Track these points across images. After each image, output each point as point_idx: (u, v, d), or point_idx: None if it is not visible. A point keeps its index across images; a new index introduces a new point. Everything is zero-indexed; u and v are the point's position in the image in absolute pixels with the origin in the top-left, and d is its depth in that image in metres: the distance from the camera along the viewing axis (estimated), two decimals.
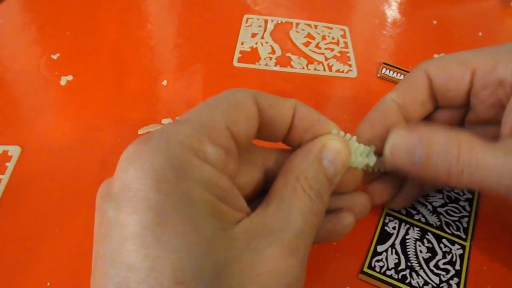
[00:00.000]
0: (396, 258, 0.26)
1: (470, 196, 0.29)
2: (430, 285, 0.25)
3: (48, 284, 0.24)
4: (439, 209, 0.29)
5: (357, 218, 0.23)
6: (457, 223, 0.28)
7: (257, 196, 0.21)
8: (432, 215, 0.28)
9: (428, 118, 0.26)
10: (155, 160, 0.15)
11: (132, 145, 0.16)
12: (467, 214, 0.28)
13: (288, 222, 0.17)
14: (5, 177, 0.29)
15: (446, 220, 0.28)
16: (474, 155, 0.20)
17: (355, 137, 0.22)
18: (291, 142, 0.21)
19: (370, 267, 0.25)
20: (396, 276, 0.25)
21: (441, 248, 0.27)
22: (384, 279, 0.25)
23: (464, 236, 0.27)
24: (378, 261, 0.26)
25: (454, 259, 0.26)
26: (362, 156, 0.23)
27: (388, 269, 0.25)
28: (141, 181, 0.14)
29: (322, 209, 0.19)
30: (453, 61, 0.24)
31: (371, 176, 0.26)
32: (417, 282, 0.25)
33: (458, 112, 0.26)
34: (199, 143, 0.16)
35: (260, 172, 0.21)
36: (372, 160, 0.23)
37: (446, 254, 0.26)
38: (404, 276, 0.25)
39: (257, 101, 0.19)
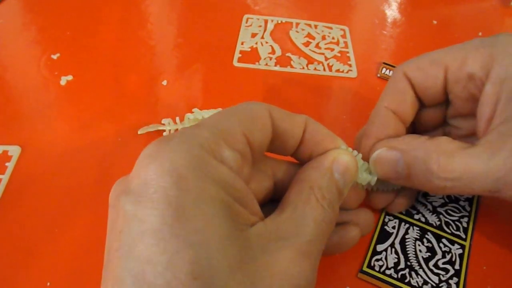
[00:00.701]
0: (395, 258, 0.26)
1: (470, 196, 0.29)
2: (429, 285, 0.25)
3: (48, 284, 0.24)
4: (439, 209, 0.29)
5: (362, 234, 0.24)
6: (457, 222, 0.28)
7: (266, 205, 0.22)
8: (432, 214, 0.28)
9: (416, 118, 0.27)
10: (175, 159, 0.15)
11: (152, 144, 0.16)
12: (467, 214, 0.28)
13: (301, 228, 0.18)
14: (5, 177, 0.29)
15: (446, 219, 0.28)
16: (455, 167, 0.21)
17: (360, 154, 0.23)
18: (300, 156, 0.22)
19: (369, 266, 0.25)
20: (395, 276, 0.25)
21: (440, 248, 0.27)
22: (384, 278, 0.25)
23: (464, 236, 0.27)
24: (377, 260, 0.26)
25: (453, 259, 0.26)
26: (366, 173, 0.24)
27: (387, 268, 0.25)
28: (162, 178, 0.15)
29: (333, 219, 0.20)
30: (427, 61, 0.25)
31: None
32: (417, 281, 0.25)
33: (442, 109, 0.27)
34: (216, 145, 0.17)
35: (270, 181, 0.22)
36: (374, 178, 0.24)
37: (446, 254, 0.26)
38: (404, 276, 0.25)
39: (271, 114, 0.20)
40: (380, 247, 0.26)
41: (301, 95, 0.38)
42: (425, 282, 0.25)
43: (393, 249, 0.26)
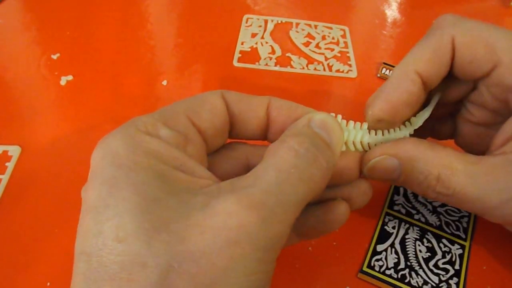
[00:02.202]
0: (395, 258, 0.26)
1: None
2: (429, 285, 0.25)
3: (48, 284, 0.24)
4: (439, 209, 0.29)
5: (357, 207, 0.22)
6: (457, 223, 0.28)
7: None
8: (432, 215, 0.28)
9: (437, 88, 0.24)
10: (111, 142, 0.17)
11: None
12: (467, 214, 0.28)
13: (258, 178, 0.15)
14: (5, 177, 0.29)
15: (446, 220, 0.28)
16: (451, 185, 0.21)
17: (340, 115, 0.21)
18: (275, 138, 0.20)
19: (369, 266, 0.25)
20: (395, 276, 0.25)
21: (440, 248, 0.27)
22: (384, 278, 0.25)
23: (464, 236, 0.27)
24: (377, 260, 0.26)
25: (453, 259, 0.26)
26: (358, 135, 0.22)
27: (387, 268, 0.25)
28: (101, 162, 0.16)
29: (316, 168, 0.16)
30: (483, 42, 0.22)
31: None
32: (417, 281, 0.25)
33: (462, 87, 0.24)
34: (153, 126, 0.18)
35: (242, 167, 0.21)
36: (370, 137, 0.22)
37: (446, 254, 0.26)
38: (404, 276, 0.25)
39: (225, 97, 0.20)
40: (380, 247, 0.26)
41: (301, 95, 0.38)
42: (425, 282, 0.25)
43: (393, 249, 0.26)
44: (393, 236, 0.27)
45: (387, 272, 0.25)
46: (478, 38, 0.22)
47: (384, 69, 0.40)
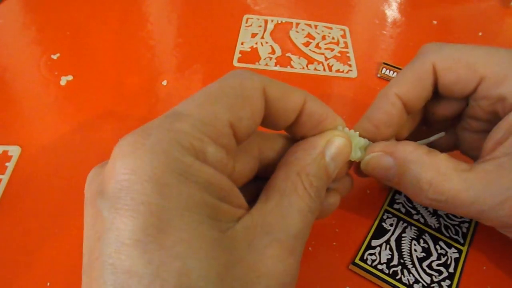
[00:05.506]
0: (389, 254, 0.26)
1: None
2: (420, 284, 0.25)
3: (48, 284, 0.24)
4: (439, 212, 0.29)
5: (341, 197, 0.23)
6: (456, 227, 0.28)
7: (251, 182, 0.21)
8: (432, 216, 0.28)
9: (425, 107, 0.26)
10: (154, 161, 0.14)
11: (126, 140, 0.15)
12: (468, 220, 0.28)
13: (287, 221, 0.17)
14: (5, 177, 0.29)
15: (446, 223, 0.28)
16: (445, 190, 0.21)
17: (357, 132, 0.23)
18: (294, 133, 0.21)
19: (362, 259, 0.26)
20: (387, 271, 0.25)
21: (436, 250, 0.27)
22: (375, 272, 0.25)
23: (462, 241, 0.27)
24: (370, 254, 0.26)
25: (449, 262, 0.26)
26: (361, 150, 0.23)
27: (380, 263, 0.25)
28: (141, 185, 0.14)
29: (319, 207, 0.19)
30: (463, 63, 0.23)
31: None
32: (408, 279, 0.25)
33: (456, 104, 0.26)
34: (199, 142, 0.15)
35: (255, 160, 0.21)
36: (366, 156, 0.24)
37: (441, 256, 0.26)
38: (395, 272, 0.25)
39: (266, 91, 0.18)
40: (375, 242, 0.26)
41: None
42: (416, 281, 0.25)
43: (388, 246, 0.26)
44: (390, 233, 0.27)
45: (379, 267, 0.25)
46: (458, 61, 0.23)
47: (384, 69, 0.40)
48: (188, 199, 0.14)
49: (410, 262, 0.26)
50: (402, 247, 0.26)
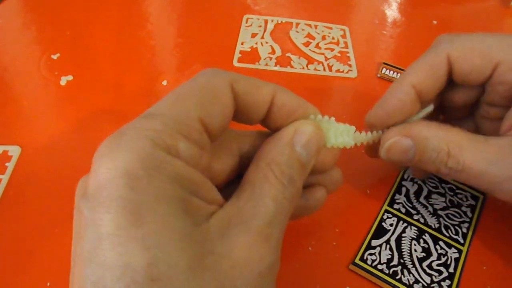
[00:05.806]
0: (389, 254, 0.26)
1: (473, 202, 0.29)
2: (420, 284, 0.25)
3: (48, 284, 0.24)
4: (439, 212, 0.29)
5: (329, 193, 0.23)
6: (456, 227, 0.28)
7: (233, 181, 0.21)
8: (432, 217, 0.28)
9: (442, 95, 0.27)
10: (127, 159, 0.15)
11: (104, 143, 0.16)
12: (468, 220, 0.28)
13: (259, 209, 0.17)
14: (5, 177, 0.29)
15: (446, 223, 0.28)
16: (461, 160, 0.22)
17: (333, 117, 0.22)
18: (270, 126, 0.21)
19: (362, 259, 0.26)
20: (387, 271, 0.25)
21: (436, 250, 0.27)
22: (375, 272, 0.25)
23: (462, 241, 0.27)
24: (370, 254, 0.26)
25: (449, 262, 0.26)
26: (342, 136, 0.22)
27: (379, 263, 0.25)
28: (115, 181, 0.14)
29: (296, 194, 0.19)
30: (477, 51, 0.24)
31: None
32: (408, 279, 0.25)
33: (472, 91, 0.26)
34: (171, 139, 0.16)
35: (234, 158, 0.21)
36: (355, 138, 0.23)
37: (441, 256, 0.26)
38: (395, 272, 0.25)
39: (234, 87, 0.19)
40: (375, 242, 0.27)
41: (301, 95, 0.37)
42: (416, 281, 0.25)
43: (388, 246, 0.26)
44: (390, 233, 0.27)
45: (379, 267, 0.25)
46: (472, 49, 0.24)
47: (384, 69, 0.40)
48: (159, 192, 0.15)
49: (410, 262, 0.26)
50: (402, 247, 0.26)
